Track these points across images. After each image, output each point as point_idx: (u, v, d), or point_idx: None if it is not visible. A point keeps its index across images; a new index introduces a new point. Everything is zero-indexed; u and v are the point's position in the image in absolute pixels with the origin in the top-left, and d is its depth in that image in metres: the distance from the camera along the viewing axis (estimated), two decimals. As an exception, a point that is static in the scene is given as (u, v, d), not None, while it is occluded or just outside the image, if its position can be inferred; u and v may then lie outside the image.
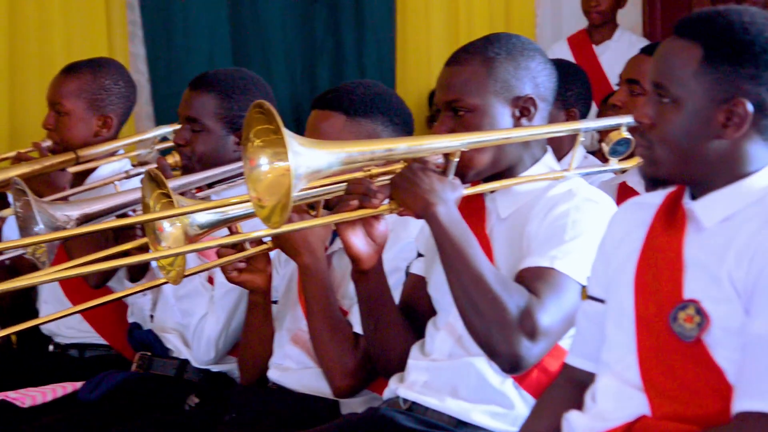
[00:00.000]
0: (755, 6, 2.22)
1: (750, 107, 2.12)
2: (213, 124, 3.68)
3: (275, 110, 2.45)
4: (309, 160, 2.47)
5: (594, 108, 4.95)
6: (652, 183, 2.24)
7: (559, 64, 4.24)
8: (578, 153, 2.83)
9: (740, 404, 2.02)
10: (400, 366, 2.82)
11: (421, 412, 2.74)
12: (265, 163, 2.53)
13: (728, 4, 2.20)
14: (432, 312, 2.84)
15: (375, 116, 3.13)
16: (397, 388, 2.80)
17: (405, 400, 2.77)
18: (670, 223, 2.21)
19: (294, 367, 3.19)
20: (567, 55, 5.90)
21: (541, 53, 2.81)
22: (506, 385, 2.68)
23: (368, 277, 2.80)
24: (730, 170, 2.17)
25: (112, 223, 3.32)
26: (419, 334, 2.85)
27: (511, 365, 2.53)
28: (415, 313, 2.88)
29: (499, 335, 2.50)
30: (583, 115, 4.22)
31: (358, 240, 2.73)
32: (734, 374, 2.06)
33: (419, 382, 2.76)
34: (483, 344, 2.55)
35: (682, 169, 2.19)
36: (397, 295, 2.92)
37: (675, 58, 2.17)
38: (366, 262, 2.76)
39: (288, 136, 2.44)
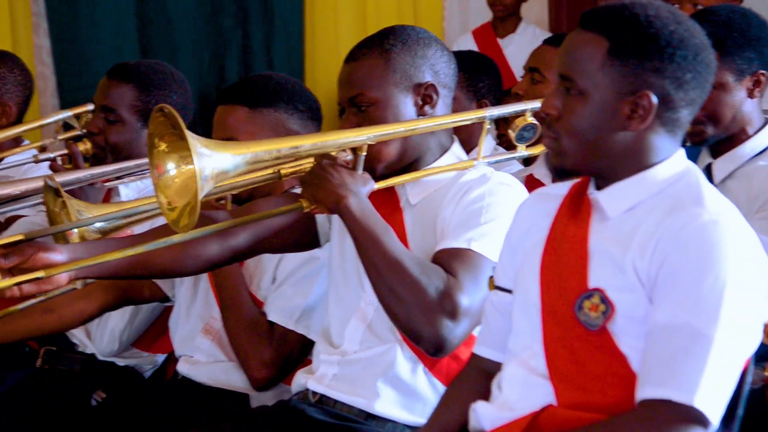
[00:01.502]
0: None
1: (654, 99, 2.15)
2: (129, 116, 3.67)
3: (177, 114, 2.42)
4: (215, 162, 2.45)
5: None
6: (559, 174, 2.26)
7: (469, 56, 4.27)
8: (486, 142, 2.86)
9: (643, 392, 2.05)
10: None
11: (330, 405, 2.74)
12: (172, 168, 2.51)
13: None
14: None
15: (278, 105, 3.14)
16: (307, 381, 2.80)
17: (314, 393, 2.77)
18: (575, 213, 2.23)
19: (204, 360, 3.19)
20: (472, 48, 5.93)
21: (437, 41, 2.83)
22: (417, 373, 2.70)
23: None
24: (635, 161, 2.19)
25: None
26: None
27: (435, 347, 2.54)
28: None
29: (421, 318, 2.51)
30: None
31: None
32: (638, 362, 2.09)
33: (329, 375, 2.76)
34: (406, 329, 2.56)
35: (588, 160, 2.21)
36: None
37: (581, 50, 2.18)
38: None
39: (191, 138, 2.41)
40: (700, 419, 2.01)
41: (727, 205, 2.17)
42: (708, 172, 3.11)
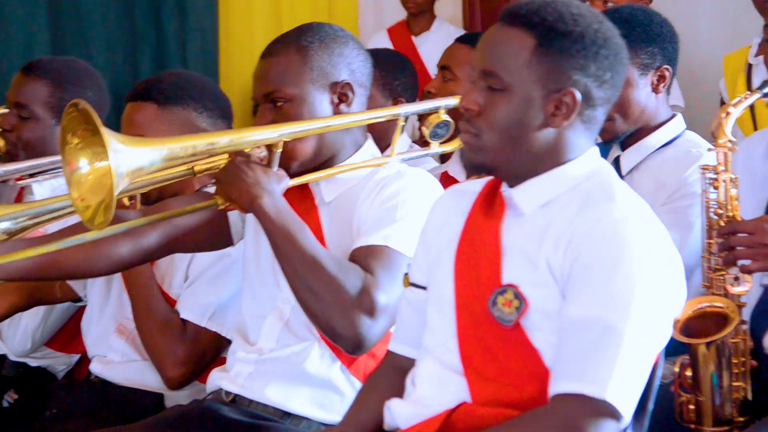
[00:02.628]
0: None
1: (579, 97, 2.16)
2: (42, 113, 3.63)
3: (92, 109, 2.40)
4: (130, 159, 2.42)
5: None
6: (475, 170, 2.26)
7: (386, 55, 4.27)
8: (401, 139, 2.86)
9: (556, 386, 2.06)
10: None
11: (245, 405, 2.73)
12: (85, 165, 2.47)
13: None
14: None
15: (186, 103, 3.13)
16: (221, 381, 2.78)
17: (228, 393, 2.76)
18: (488, 209, 2.24)
19: (117, 360, 3.16)
20: (387, 45, 5.94)
21: (354, 40, 2.83)
22: (334, 370, 2.70)
23: None
24: (552, 158, 2.20)
25: None
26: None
27: (354, 345, 2.55)
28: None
29: (339, 316, 2.52)
30: (411, 105, 4.26)
31: None
32: (551, 358, 2.10)
33: (243, 373, 2.75)
34: (324, 328, 2.56)
35: (507, 156, 2.20)
36: None
37: (507, 46, 2.18)
38: None
39: (107, 134, 2.38)
40: (613, 413, 2.03)
41: (639, 201, 2.20)
42: (616, 164, 3.17)
